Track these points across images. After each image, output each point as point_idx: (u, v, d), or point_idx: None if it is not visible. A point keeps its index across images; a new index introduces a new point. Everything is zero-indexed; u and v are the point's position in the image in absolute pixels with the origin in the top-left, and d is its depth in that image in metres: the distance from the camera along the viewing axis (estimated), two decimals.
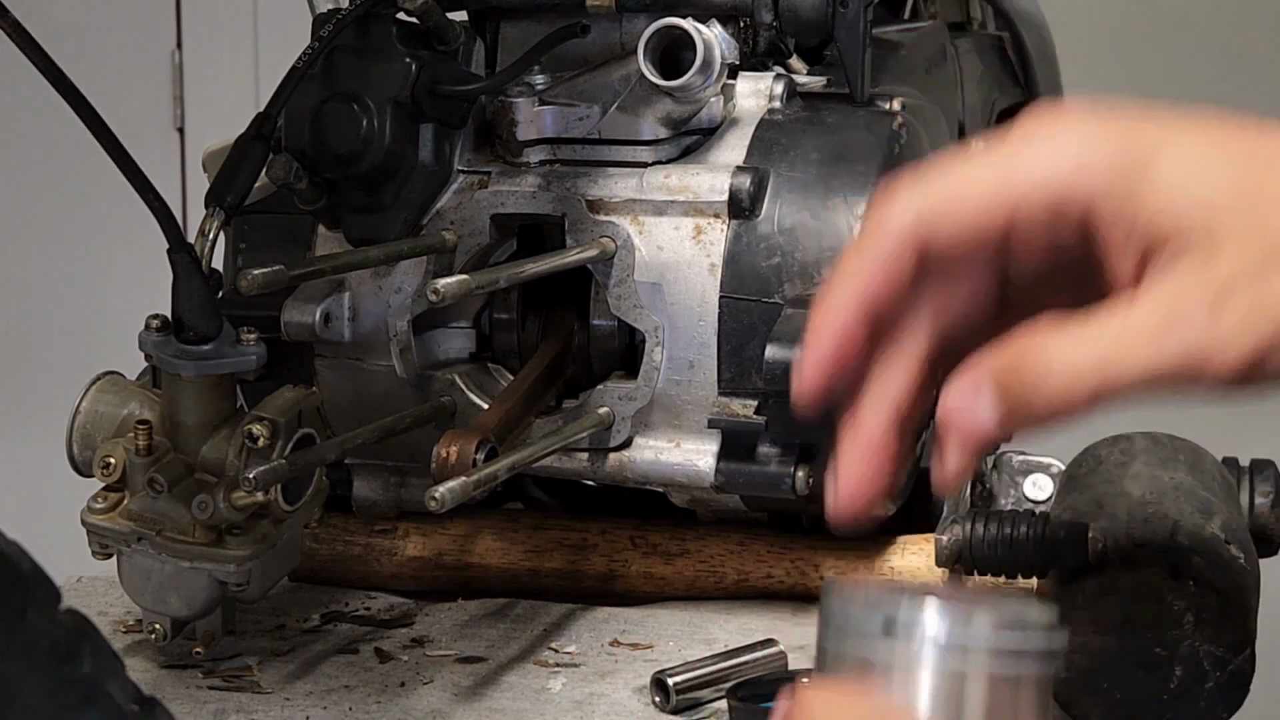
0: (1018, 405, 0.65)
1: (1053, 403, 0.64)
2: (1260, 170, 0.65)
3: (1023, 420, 0.65)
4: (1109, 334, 0.64)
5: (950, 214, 0.66)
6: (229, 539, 0.92)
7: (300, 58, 0.97)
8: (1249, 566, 0.93)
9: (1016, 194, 0.65)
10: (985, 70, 1.39)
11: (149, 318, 0.92)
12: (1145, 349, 0.64)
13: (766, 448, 1.00)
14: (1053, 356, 0.64)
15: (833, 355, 0.68)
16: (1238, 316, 0.63)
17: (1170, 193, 0.65)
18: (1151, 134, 0.66)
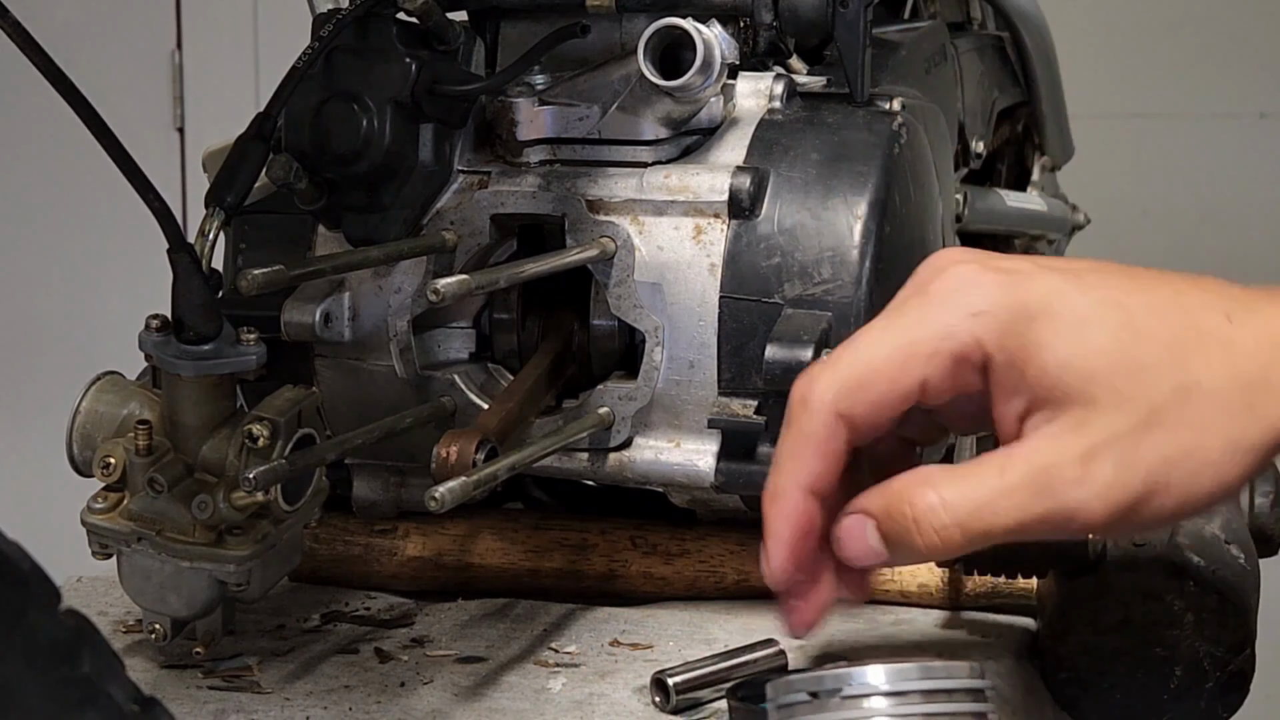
0: (897, 544, 0.71)
1: (929, 546, 0.70)
2: (1134, 339, 0.70)
3: (902, 559, 0.72)
4: (983, 488, 0.70)
5: (868, 389, 0.71)
6: (229, 539, 0.92)
7: (300, 58, 0.97)
8: (1249, 567, 0.93)
9: (924, 354, 0.70)
10: (985, 70, 1.39)
11: (149, 318, 0.92)
12: (1016, 502, 0.69)
13: (766, 448, 1.00)
14: (931, 504, 0.70)
15: (794, 539, 0.74)
16: (1106, 475, 0.69)
17: (1052, 355, 0.70)
18: (1040, 288, 0.71)
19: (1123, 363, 0.69)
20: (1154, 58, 2.75)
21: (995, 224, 1.42)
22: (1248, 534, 0.96)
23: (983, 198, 1.36)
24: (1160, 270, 0.74)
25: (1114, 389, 0.69)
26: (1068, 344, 0.69)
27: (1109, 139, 2.48)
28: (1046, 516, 0.69)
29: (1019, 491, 0.69)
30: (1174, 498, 0.70)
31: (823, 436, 0.72)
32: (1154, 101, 2.76)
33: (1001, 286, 0.70)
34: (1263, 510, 1.02)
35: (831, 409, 0.71)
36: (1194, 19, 2.74)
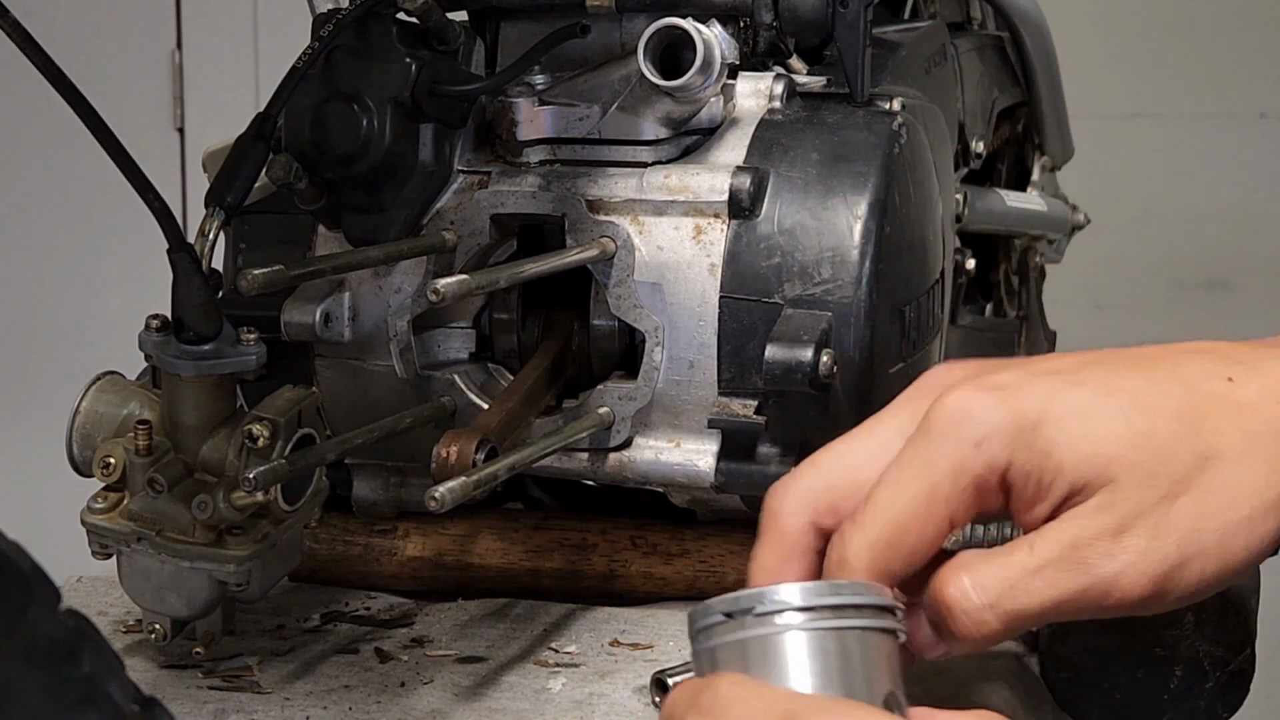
0: (943, 633, 0.70)
1: (965, 631, 0.70)
2: (1144, 418, 0.70)
3: (954, 646, 0.71)
4: (1014, 568, 0.69)
5: (899, 547, 0.71)
6: (229, 539, 0.92)
7: (300, 58, 0.97)
8: None
9: (942, 497, 0.70)
10: (985, 70, 1.39)
11: (149, 318, 0.92)
12: (1049, 580, 0.69)
13: (766, 448, 1.00)
14: (963, 588, 0.70)
15: None
16: (1140, 545, 0.69)
17: (1067, 453, 0.70)
18: (1036, 395, 0.71)
19: (1136, 442, 0.70)
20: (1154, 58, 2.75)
21: (995, 224, 1.42)
22: None
23: (983, 198, 1.36)
24: (1154, 346, 0.75)
25: (1133, 466, 0.70)
26: (1078, 440, 0.70)
27: (1109, 139, 2.48)
28: (1083, 592, 0.69)
29: (1051, 569, 0.69)
30: (1211, 561, 0.70)
31: None
32: (1154, 101, 2.76)
33: (998, 407, 0.71)
34: None
35: (868, 574, 0.71)
36: (1194, 19, 2.74)
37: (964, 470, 0.70)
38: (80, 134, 0.87)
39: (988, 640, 0.70)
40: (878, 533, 0.71)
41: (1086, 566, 0.69)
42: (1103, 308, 2.69)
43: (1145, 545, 0.69)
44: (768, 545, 0.74)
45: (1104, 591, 0.69)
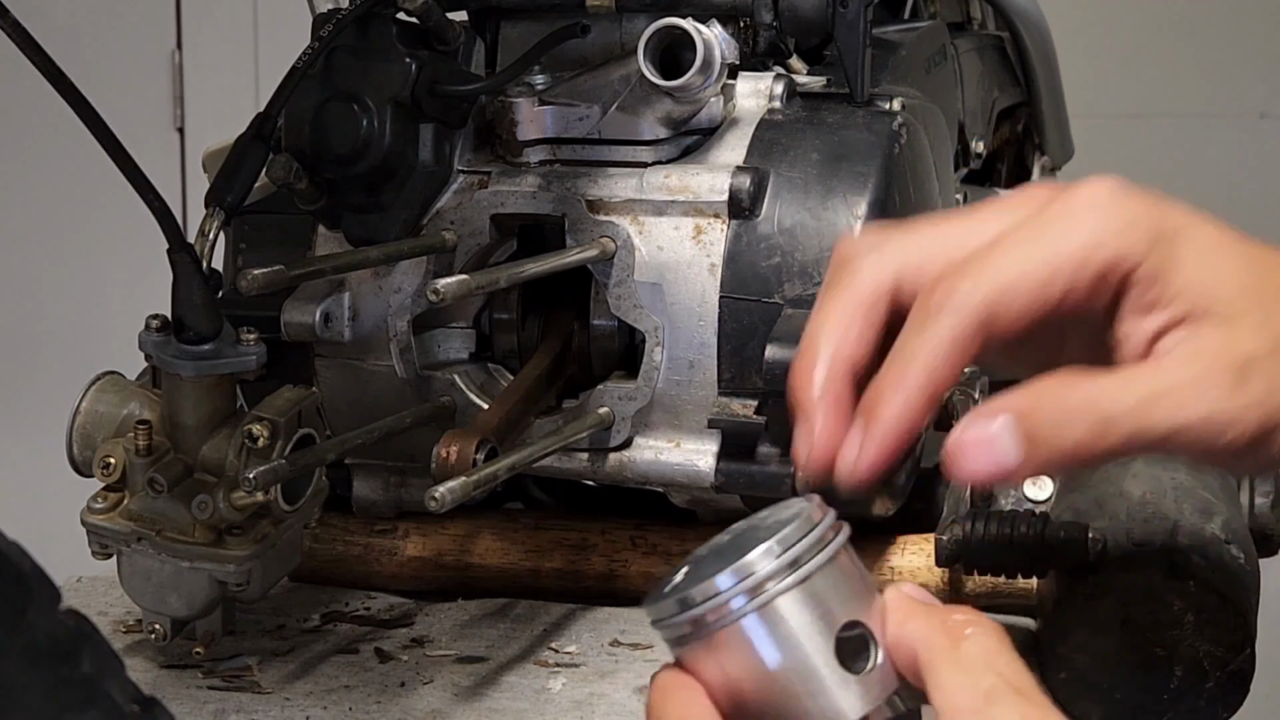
0: (1040, 443, 0.67)
1: (1079, 444, 0.67)
2: (1263, 270, 0.70)
3: (1042, 459, 0.67)
4: (1141, 386, 0.67)
5: (1014, 300, 0.68)
6: (229, 539, 0.92)
7: (300, 58, 0.97)
8: (1249, 566, 0.93)
9: (1072, 265, 0.68)
10: (985, 70, 1.39)
11: (149, 318, 0.92)
12: (1175, 406, 0.67)
13: (766, 448, 1.00)
14: (1084, 400, 0.67)
15: (834, 430, 0.70)
16: (1258, 390, 0.68)
17: (1195, 273, 0.69)
18: (1176, 215, 0.70)
19: (1257, 290, 0.69)
20: (1154, 58, 2.75)
21: None
22: (1248, 534, 0.96)
23: (983, 198, 1.36)
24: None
25: (1251, 311, 0.68)
26: (1209, 264, 0.69)
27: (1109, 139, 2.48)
28: (1202, 424, 0.67)
29: (1180, 393, 0.67)
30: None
31: (962, 341, 0.68)
32: (1154, 101, 2.76)
33: (1145, 205, 0.69)
34: (1263, 510, 1.02)
35: (977, 313, 0.68)
36: (1194, 19, 2.74)
37: (1099, 249, 0.68)
38: (80, 134, 0.87)
39: (1093, 455, 0.67)
40: (998, 278, 0.67)
41: (1211, 397, 0.67)
42: None
43: (1263, 393, 0.68)
44: (842, 297, 0.70)
45: (1222, 427, 0.67)
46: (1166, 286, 0.68)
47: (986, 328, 0.68)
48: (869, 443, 0.69)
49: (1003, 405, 0.67)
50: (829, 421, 0.70)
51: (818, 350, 0.70)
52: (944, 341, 0.68)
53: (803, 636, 0.62)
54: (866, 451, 0.69)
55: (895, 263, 0.70)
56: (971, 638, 0.62)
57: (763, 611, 0.62)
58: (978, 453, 0.67)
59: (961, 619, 0.63)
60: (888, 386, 0.68)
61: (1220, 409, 0.67)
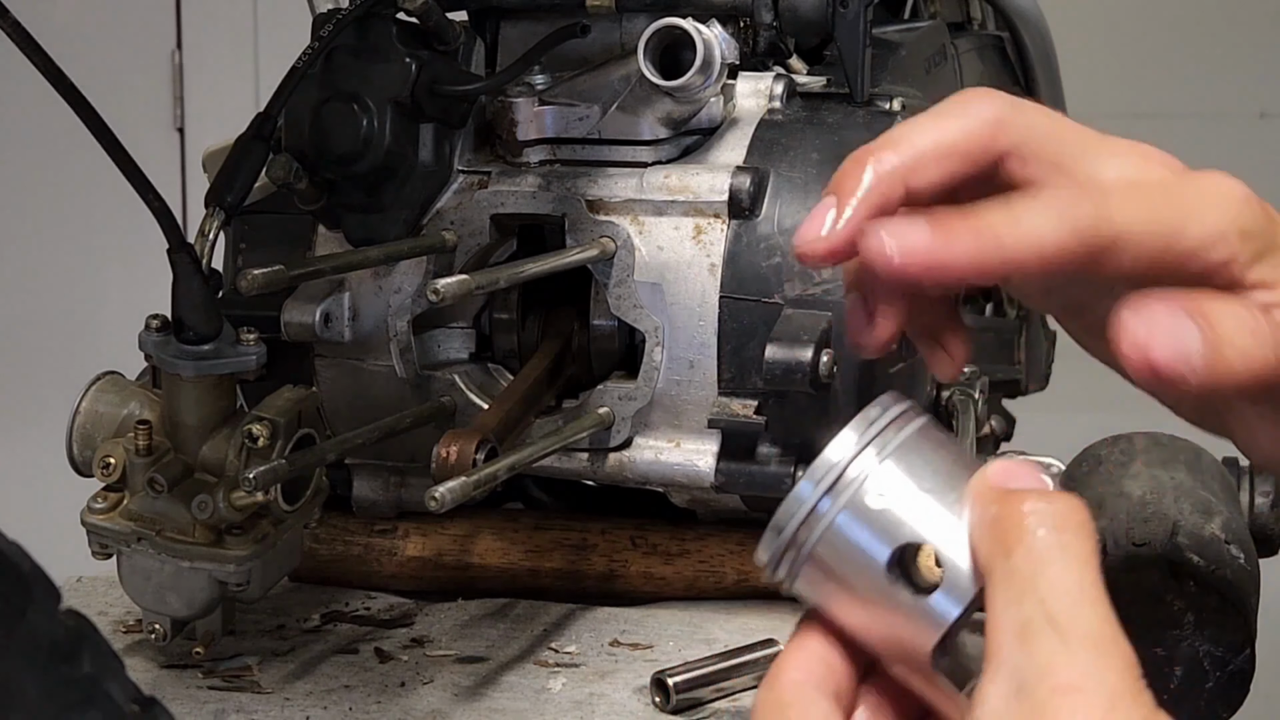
0: (1222, 349, 0.62)
1: (1255, 364, 0.62)
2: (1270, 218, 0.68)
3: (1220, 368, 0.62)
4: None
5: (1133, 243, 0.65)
6: (229, 539, 0.92)
7: (300, 58, 0.97)
8: (1249, 567, 0.93)
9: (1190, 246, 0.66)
10: (985, 70, 1.39)
11: (149, 318, 0.92)
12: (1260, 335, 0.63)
13: (766, 447, 1.00)
14: (1260, 326, 0.63)
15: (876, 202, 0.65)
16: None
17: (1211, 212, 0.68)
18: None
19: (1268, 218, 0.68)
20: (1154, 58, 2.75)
21: None
22: (1248, 534, 0.96)
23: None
24: None
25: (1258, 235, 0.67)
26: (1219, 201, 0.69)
27: None
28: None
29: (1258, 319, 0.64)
30: None
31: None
32: (1154, 101, 2.76)
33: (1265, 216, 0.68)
34: (1263, 510, 1.02)
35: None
36: (1194, 19, 2.74)
37: (1222, 242, 0.66)
38: (80, 134, 0.87)
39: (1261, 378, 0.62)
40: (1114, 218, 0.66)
41: None
42: None
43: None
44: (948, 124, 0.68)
45: None
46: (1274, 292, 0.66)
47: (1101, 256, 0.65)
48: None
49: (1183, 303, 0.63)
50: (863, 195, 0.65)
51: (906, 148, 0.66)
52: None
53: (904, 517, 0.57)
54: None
55: (1018, 131, 0.69)
56: (1026, 541, 0.56)
57: (853, 506, 0.57)
58: (1169, 347, 0.62)
59: (1030, 507, 0.57)
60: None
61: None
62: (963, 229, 0.64)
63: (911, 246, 0.63)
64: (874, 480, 0.58)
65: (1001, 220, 0.64)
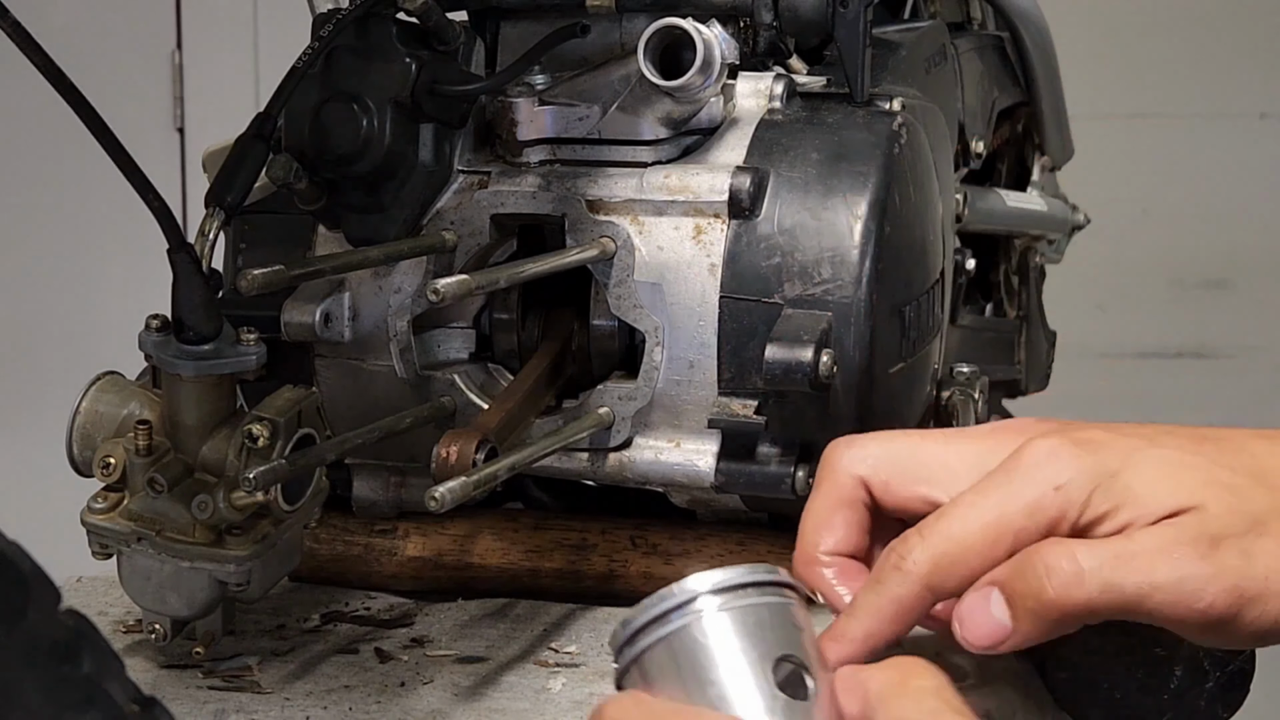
0: (1022, 604, 0.72)
1: (1060, 593, 0.71)
2: (1220, 470, 0.74)
3: (1029, 620, 0.72)
4: (1114, 547, 0.72)
5: (961, 566, 0.73)
6: (229, 539, 0.92)
7: (300, 58, 0.97)
8: None
9: (1013, 530, 0.73)
10: (985, 70, 1.39)
11: (149, 318, 0.92)
12: (1147, 567, 0.71)
13: (766, 448, 1.00)
14: (1068, 551, 0.72)
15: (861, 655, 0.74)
16: (1233, 561, 0.71)
17: (1148, 492, 0.73)
18: (1118, 449, 0.74)
19: (1216, 485, 0.73)
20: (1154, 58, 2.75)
21: (995, 224, 1.42)
22: None
23: (983, 198, 1.36)
24: (1217, 428, 0.78)
25: (1217, 499, 0.72)
26: (1158, 481, 0.73)
27: (1109, 139, 2.48)
28: (1175, 588, 0.71)
29: (1151, 555, 0.71)
30: (1275, 610, 0.72)
31: (908, 604, 0.74)
32: (1154, 101, 2.75)
33: (1081, 456, 0.73)
34: None
35: (923, 582, 0.73)
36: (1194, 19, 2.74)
37: (1040, 510, 0.73)
38: (80, 134, 0.87)
39: (1075, 612, 0.71)
40: (943, 548, 0.73)
41: (1184, 564, 0.71)
42: (1103, 308, 2.69)
43: (1239, 564, 0.71)
44: (822, 493, 0.78)
45: (1194, 592, 0.71)
46: (1118, 516, 0.72)
47: (933, 591, 0.73)
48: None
49: (990, 578, 0.73)
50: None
51: (813, 543, 0.78)
52: (889, 606, 0.74)
53: (737, 655, 0.65)
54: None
55: (864, 463, 0.77)
56: (920, 677, 0.66)
57: (697, 625, 0.65)
58: (977, 626, 0.73)
59: (911, 663, 0.67)
60: (833, 638, 0.74)
61: (1192, 573, 0.71)
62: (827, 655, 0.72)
63: None
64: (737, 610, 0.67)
65: (842, 625, 0.74)
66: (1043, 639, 0.73)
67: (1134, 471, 0.73)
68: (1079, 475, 0.73)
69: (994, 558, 0.73)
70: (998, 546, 0.73)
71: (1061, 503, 0.73)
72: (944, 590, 0.74)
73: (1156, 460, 0.74)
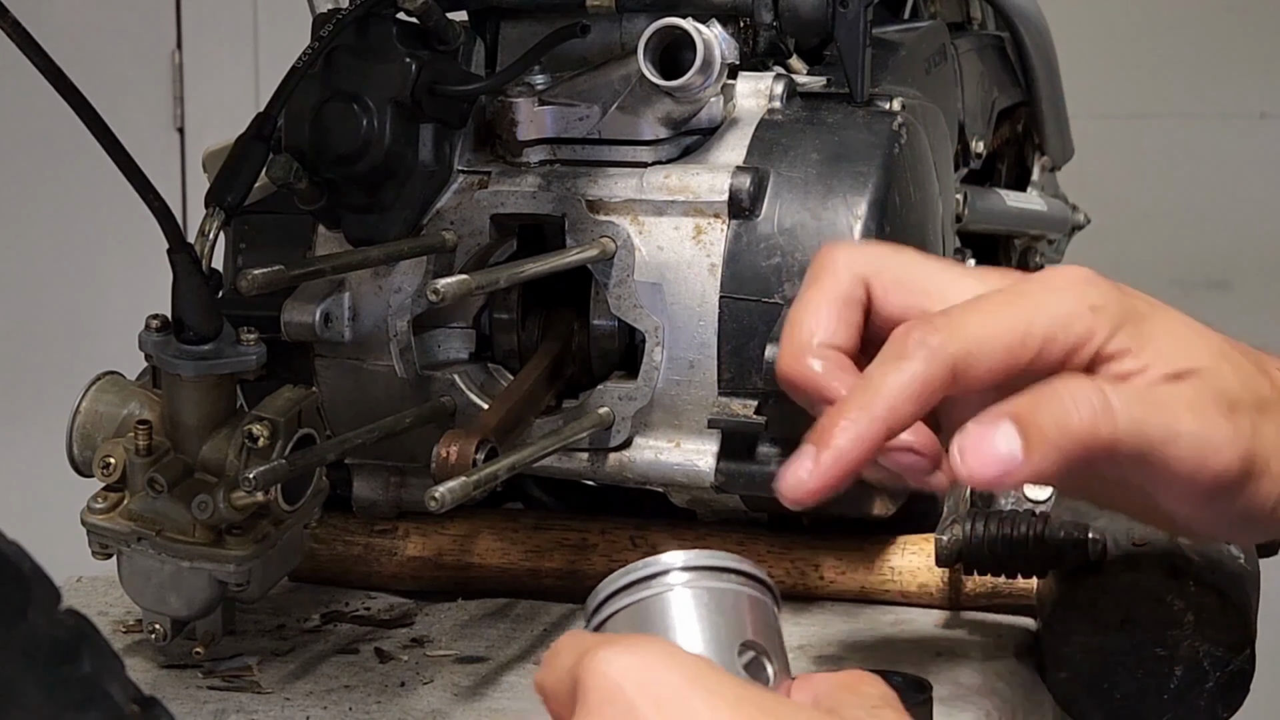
0: (1042, 438, 0.68)
1: (1080, 433, 0.69)
2: (1230, 350, 0.74)
3: (1044, 454, 0.69)
4: (1138, 392, 0.70)
5: (986, 357, 0.71)
6: (229, 539, 0.92)
7: (300, 58, 0.97)
8: (1249, 566, 0.93)
9: (1040, 336, 0.71)
10: (985, 70, 1.39)
11: (149, 318, 0.92)
12: (1171, 416, 0.70)
13: (766, 448, 1.00)
14: (1085, 392, 0.69)
15: (843, 470, 0.71)
16: (1245, 427, 0.71)
17: (1167, 344, 0.72)
18: (1145, 300, 0.74)
19: (1229, 359, 0.73)
20: (1154, 58, 2.75)
21: (995, 224, 1.42)
22: None
23: (983, 198, 1.36)
24: None
25: (1231, 369, 0.72)
26: (1178, 338, 0.72)
27: (1109, 139, 2.48)
28: (1197, 437, 0.70)
29: (1177, 405, 0.70)
30: (1269, 492, 0.72)
31: (932, 384, 0.71)
32: (1154, 101, 2.76)
33: (1113, 290, 0.73)
34: None
35: (949, 360, 0.70)
36: (1194, 19, 2.74)
37: (1070, 326, 0.71)
38: (80, 134, 0.87)
39: (1093, 446, 0.69)
40: (974, 333, 0.71)
41: (1208, 419, 0.70)
42: None
43: (1250, 431, 0.71)
44: (819, 286, 0.75)
45: (1216, 450, 0.70)
46: (1141, 358, 0.72)
47: (956, 377, 0.70)
48: (818, 469, 0.71)
49: (1003, 410, 0.69)
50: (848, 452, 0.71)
51: (808, 333, 0.74)
52: (913, 382, 0.70)
53: (707, 630, 0.64)
54: (814, 477, 0.71)
55: (872, 264, 0.74)
56: (871, 685, 0.64)
57: (673, 595, 0.64)
58: (983, 456, 0.69)
59: (863, 674, 0.65)
60: (846, 415, 0.71)
61: (1215, 430, 0.70)
62: (836, 433, 0.70)
63: (795, 483, 0.71)
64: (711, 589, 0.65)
65: (861, 399, 0.71)
66: (1050, 476, 0.69)
67: (1157, 323, 0.73)
68: (1113, 304, 0.72)
69: (1016, 360, 0.71)
70: (1023, 348, 0.71)
71: (1092, 324, 0.71)
72: (967, 377, 0.70)
73: (1178, 321, 0.73)
